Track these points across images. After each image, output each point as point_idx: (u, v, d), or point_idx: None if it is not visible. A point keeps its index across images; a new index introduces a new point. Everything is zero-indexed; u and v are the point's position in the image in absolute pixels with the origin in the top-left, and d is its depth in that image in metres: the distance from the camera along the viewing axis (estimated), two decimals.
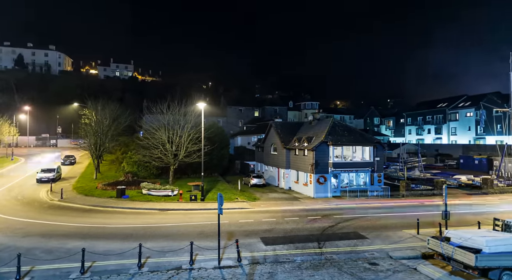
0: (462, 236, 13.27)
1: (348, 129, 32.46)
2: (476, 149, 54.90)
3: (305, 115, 78.62)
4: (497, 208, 24.15)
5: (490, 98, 62.04)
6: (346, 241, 16.48)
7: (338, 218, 21.27)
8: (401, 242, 16.41)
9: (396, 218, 21.45)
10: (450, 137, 69.79)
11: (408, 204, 25.99)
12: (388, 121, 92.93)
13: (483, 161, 44.64)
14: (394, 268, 13.42)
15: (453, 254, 12.58)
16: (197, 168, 34.41)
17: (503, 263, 11.85)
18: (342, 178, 30.02)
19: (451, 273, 13.00)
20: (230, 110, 73.23)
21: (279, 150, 36.07)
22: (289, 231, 18.34)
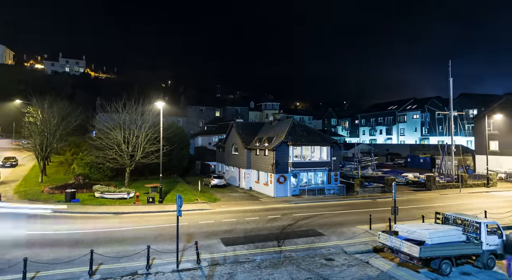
0: (408, 229, 14.31)
1: (307, 129, 33.46)
2: (421, 148, 59.59)
3: (266, 115, 79.65)
4: (439, 202, 26.40)
5: (433, 102, 67.69)
6: (304, 239, 16.96)
7: (297, 216, 21.83)
8: (355, 237, 17.28)
9: (351, 214, 22.54)
10: (399, 137, 75.01)
11: (362, 201, 27.43)
12: (344, 122, 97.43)
13: (427, 160, 48.55)
14: (348, 262, 14.08)
15: (401, 247, 13.52)
16: (156, 169, 33.29)
17: (443, 253, 12.98)
18: (301, 178, 30.86)
19: (398, 264, 13.96)
20: (190, 109, 71.85)
21: (240, 150, 36.14)
22: (250, 230, 18.45)
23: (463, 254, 13.57)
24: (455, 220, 15.20)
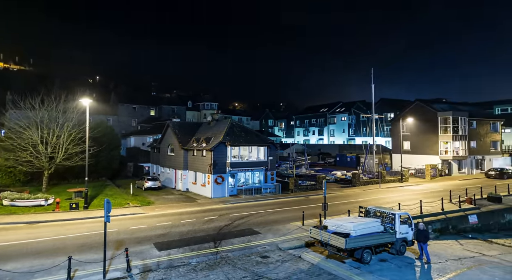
0: (336, 223, 15.42)
1: (245, 130, 33.88)
2: (348, 148, 64.91)
3: (204, 115, 78.52)
4: (362, 197, 29.03)
5: (359, 105, 74.32)
6: (241, 238, 17.12)
7: (234, 216, 21.94)
8: (289, 234, 18.03)
9: (286, 212, 23.45)
10: (330, 138, 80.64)
11: (296, 199, 28.76)
12: (281, 123, 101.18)
13: (353, 159, 53.10)
14: (282, 258, 14.62)
15: (329, 240, 14.50)
16: (81, 172, 30.32)
17: (364, 243, 14.30)
18: (239, 177, 31.11)
19: (327, 256, 14.96)
20: (122, 108, 67.12)
21: (177, 151, 34.99)
22: (185, 233, 17.96)
23: (381, 243, 15.12)
24: (375, 212, 16.85)
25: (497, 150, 48.02)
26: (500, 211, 24.26)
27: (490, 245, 18.61)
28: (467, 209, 23.16)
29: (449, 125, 42.35)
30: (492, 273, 13.75)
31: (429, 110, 44.75)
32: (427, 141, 44.55)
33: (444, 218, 21.48)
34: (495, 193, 26.82)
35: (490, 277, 13.27)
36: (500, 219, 23.99)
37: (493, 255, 16.57)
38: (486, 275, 13.48)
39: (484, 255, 16.46)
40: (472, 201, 24.34)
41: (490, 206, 24.61)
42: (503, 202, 25.51)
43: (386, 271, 13.50)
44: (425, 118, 44.84)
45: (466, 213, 22.52)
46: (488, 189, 29.06)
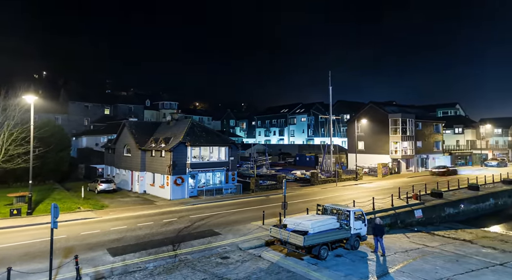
0: (295, 222, 15.81)
1: (206, 130, 33.45)
2: (308, 148, 66.90)
3: (164, 115, 76.22)
4: (320, 196, 30.09)
5: (317, 107, 76.99)
6: (201, 240, 16.85)
7: (195, 218, 21.56)
8: (250, 233, 18.11)
9: (246, 212, 23.54)
10: (290, 138, 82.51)
11: (257, 199, 28.99)
12: (242, 123, 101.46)
13: (312, 158, 54.83)
14: (242, 258, 14.65)
15: (288, 238, 14.82)
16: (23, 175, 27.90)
17: (321, 240, 14.82)
18: (199, 178, 30.62)
19: (286, 254, 15.27)
20: (73, 106, 62.88)
21: (134, 151, 33.54)
22: (142, 237, 17.26)
23: (337, 239, 15.78)
24: (332, 210, 17.53)
25: (439, 150, 52.52)
26: (441, 205, 26.54)
27: (433, 237, 20.28)
28: (413, 204, 25.01)
29: (399, 126, 45.45)
30: (434, 263, 14.99)
31: (381, 112, 47.65)
32: (379, 141, 47.38)
33: (393, 213, 22.99)
34: (437, 189, 29.26)
35: (432, 266, 14.45)
36: (441, 212, 26.24)
37: (435, 246, 18.07)
38: (429, 265, 14.67)
39: (427, 246, 17.89)
40: (417, 197, 26.33)
41: (433, 201, 26.82)
42: (444, 197, 27.93)
43: (341, 266, 14.11)
44: (378, 120, 47.66)
45: (413, 208, 24.31)
46: (432, 186, 31.63)
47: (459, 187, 32.55)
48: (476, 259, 15.82)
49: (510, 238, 21.45)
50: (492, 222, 27.34)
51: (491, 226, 26.24)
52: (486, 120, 73.54)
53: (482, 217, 28.51)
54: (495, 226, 26.33)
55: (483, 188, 32.35)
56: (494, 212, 30.64)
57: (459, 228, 23.43)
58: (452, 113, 78.48)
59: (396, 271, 13.77)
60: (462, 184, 33.68)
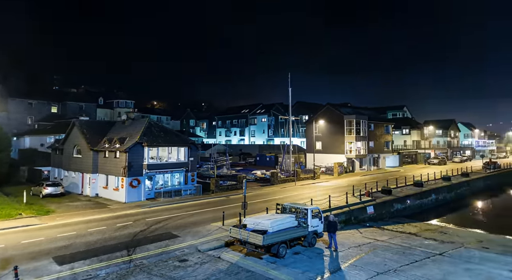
0: (255, 221, 15.94)
1: (165, 130, 32.46)
2: (268, 148, 67.83)
3: (119, 114, 72.58)
4: (280, 195, 30.65)
5: (277, 107, 78.35)
6: (158, 243, 16.31)
7: (151, 221, 20.80)
8: (209, 235, 17.91)
9: (206, 213, 23.24)
10: (251, 138, 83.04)
11: (217, 199, 28.75)
12: (202, 123, 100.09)
13: (272, 158, 55.69)
14: (201, 260, 14.44)
15: (248, 238, 14.90)
16: None
17: (280, 239, 15.11)
18: (157, 180, 29.62)
19: (246, 254, 15.34)
20: (13, 103, 57.43)
21: (85, 152, 31.50)
22: (93, 243, 16.27)
23: (295, 237, 16.20)
24: (291, 209, 17.96)
25: (389, 149, 56.21)
26: (390, 201, 28.43)
27: (382, 232, 21.65)
28: (366, 201, 26.48)
29: (353, 127, 47.84)
30: (383, 255, 16.01)
31: (337, 114, 49.80)
32: (335, 141, 49.48)
33: (348, 210, 24.14)
34: (387, 186, 31.29)
35: (381, 259, 15.43)
36: (390, 208, 28.11)
37: (384, 240, 19.31)
38: (379, 257, 15.64)
39: (378, 240, 19.05)
40: (370, 194, 27.92)
41: (383, 197, 28.62)
42: (393, 194, 29.94)
43: (299, 263, 14.50)
44: (334, 121, 49.75)
45: (365, 205, 25.74)
46: (382, 183, 33.74)
47: (405, 184, 35.10)
48: (420, 250, 17.18)
49: (448, 230, 23.62)
50: (434, 216, 29.93)
51: (433, 219, 28.70)
52: (429, 122, 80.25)
53: (425, 212, 31.04)
54: (436, 219, 28.83)
55: (426, 185, 35.21)
56: (435, 206, 33.54)
57: (406, 222, 25.27)
58: (401, 115, 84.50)
59: (349, 265, 14.47)
60: (408, 181, 36.37)
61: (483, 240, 20.44)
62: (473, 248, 18.16)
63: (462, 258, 16.14)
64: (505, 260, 15.90)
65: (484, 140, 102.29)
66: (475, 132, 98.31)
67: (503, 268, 14.76)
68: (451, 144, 79.49)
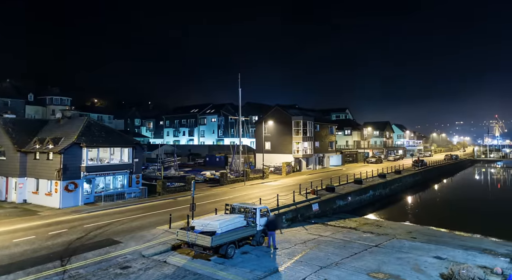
0: (203, 223, 15.69)
1: (106, 129, 30.38)
2: (217, 148, 67.35)
3: (52, 112, 66.23)
4: (229, 195, 30.60)
5: (227, 108, 78.26)
6: (97, 251, 15.17)
7: (90, 227, 19.30)
8: (155, 239, 17.17)
9: (152, 216, 22.25)
10: (200, 138, 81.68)
11: (164, 202, 27.71)
12: (149, 123, 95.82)
13: (222, 159, 55.40)
14: (146, 266, 13.77)
15: (196, 240, 14.61)
16: None
17: (229, 239, 15.08)
18: (97, 183, 27.59)
19: (193, 257, 15.01)
20: None
21: (10, 154, 28.11)
22: (19, 255, 14.56)
23: (244, 237, 16.29)
24: (240, 209, 18.03)
25: (333, 149, 59.53)
26: (333, 198, 30.10)
27: (326, 227, 22.82)
28: (311, 199, 27.65)
29: (300, 128, 49.71)
30: (327, 250, 16.88)
31: (285, 115, 51.31)
32: (284, 141, 50.93)
33: (295, 208, 24.97)
34: (330, 184, 33.06)
35: (325, 253, 16.25)
36: (333, 205, 29.76)
37: (328, 235, 20.37)
38: (322, 252, 16.44)
39: (322, 236, 20.02)
40: (315, 192, 29.24)
41: (327, 195, 30.19)
42: (336, 191, 31.74)
43: (247, 262, 14.61)
44: (283, 122, 51.19)
45: (311, 203, 26.88)
46: (327, 181, 35.57)
47: (347, 182, 37.47)
48: (359, 243, 18.44)
49: (383, 223, 25.75)
50: (371, 210, 32.43)
51: (370, 214, 31.07)
52: (368, 123, 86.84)
53: (364, 207, 33.46)
54: (373, 214, 31.25)
55: (365, 182, 37.97)
56: (373, 201, 36.36)
57: (347, 218, 26.96)
58: (343, 117, 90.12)
59: (295, 261, 14.98)
60: (349, 179, 38.86)
61: (411, 231, 22.66)
62: (403, 239, 20.02)
63: (394, 248, 17.70)
64: (429, 248, 17.81)
65: (414, 140, 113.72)
66: (406, 133, 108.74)
67: (427, 255, 16.51)
68: (387, 144, 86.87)
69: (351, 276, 13.34)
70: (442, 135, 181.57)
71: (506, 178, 67.98)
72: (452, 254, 16.70)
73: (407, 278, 13.35)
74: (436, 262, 15.37)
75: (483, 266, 14.61)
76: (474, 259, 15.86)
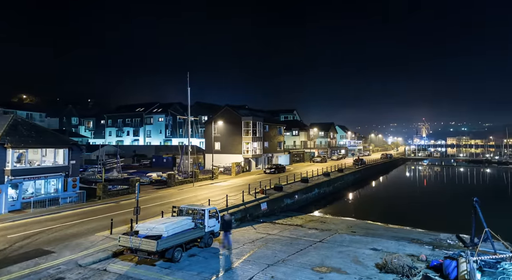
0: (148, 227, 15.01)
1: (37, 128, 27.46)
2: (165, 149, 64.97)
3: None
4: (177, 197, 29.69)
5: (176, 107, 75.95)
6: (24, 263, 13.60)
7: (16, 237, 17.26)
8: (93, 246, 15.95)
9: (90, 222, 20.65)
10: (146, 139, 78.06)
11: (104, 206, 25.91)
12: (88, 122, 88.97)
13: (169, 159, 53.59)
14: (82, 276, 12.73)
15: (140, 245, 13.90)
16: None
17: (176, 242, 14.63)
18: (25, 188, 24.80)
19: (137, 263, 14.28)
20: None
21: None
22: None
23: (192, 239, 15.94)
24: (188, 211, 17.60)
25: (281, 149, 61.19)
26: (281, 197, 30.95)
27: (274, 226, 23.37)
28: (260, 198, 28.10)
29: (250, 128, 50.20)
30: (274, 248, 17.28)
31: (235, 115, 51.40)
32: (233, 141, 50.97)
33: (244, 208, 25.15)
34: (279, 184, 33.94)
35: (272, 251, 16.62)
36: (281, 203, 30.60)
37: (275, 233, 20.88)
38: (270, 250, 16.80)
39: (270, 234, 20.46)
40: (264, 191, 29.76)
41: (275, 194, 30.94)
42: (284, 190, 32.68)
43: (194, 265, 14.31)
44: (232, 122, 51.20)
45: (259, 202, 27.30)
46: (275, 180, 36.44)
47: (294, 180, 38.80)
48: (304, 240, 19.21)
49: (327, 219, 27.17)
50: (316, 208, 34.03)
51: (315, 211, 32.58)
52: (314, 124, 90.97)
53: (310, 204, 34.98)
54: (318, 211, 32.81)
55: (311, 181, 39.70)
56: (318, 199, 38.18)
57: (294, 215, 27.92)
58: (291, 118, 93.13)
59: (243, 261, 15.07)
60: (297, 178, 40.30)
61: (352, 226, 24.27)
62: (344, 233, 21.35)
63: (336, 242, 18.78)
64: (367, 241, 19.25)
65: (355, 140, 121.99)
66: (348, 134, 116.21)
67: (365, 247, 17.81)
68: (331, 144, 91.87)
69: (296, 272, 13.82)
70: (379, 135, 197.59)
71: (431, 175, 76.31)
72: (386, 245, 18.24)
73: (347, 270, 14.24)
74: (373, 253, 16.66)
75: (411, 255, 16.21)
76: (404, 249, 17.52)
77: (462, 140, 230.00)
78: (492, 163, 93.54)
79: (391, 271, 13.68)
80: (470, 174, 72.17)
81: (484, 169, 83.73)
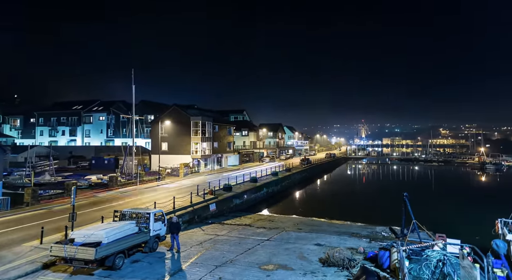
0: (86, 233, 13.89)
1: None
2: (106, 150, 60.77)
3: None
4: (119, 201, 27.93)
5: (119, 105, 71.49)
6: None
7: None
8: (19, 258, 14.26)
9: (16, 232, 18.44)
10: (85, 139, 72.27)
11: (34, 213, 23.35)
12: (15, 120, 79.59)
13: (111, 161, 50.24)
14: None
15: (76, 254, 12.79)
16: None
17: (117, 248, 13.75)
18: None
19: (72, 273, 13.13)
20: None
21: None
22: None
23: (135, 245, 15.13)
24: (131, 215, 16.66)
25: (231, 150, 61.18)
26: (230, 197, 30.90)
27: (223, 226, 23.25)
28: (209, 199, 27.73)
29: (199, 128, 49.31)
30: (222, 249, 17.18)
31: (184, 115, 50.08)
32: (182, 142, 49.60)
33: (192, 210, 24.58)
34: (228, 184, 33.84)
35: (220, 252, 16.50)
36: (230, 204, 30.55)
37: (224, 234, 20.79)
38: (218, 251, 16.66)
39: (218, 235, 20.29)
40: (213, 192, 29.43)
41: (224, 194, 30.80)
42: (233, 190, 32.67)
43: (138, 271, 13.60)
44: (181, 122, 49.80)
45: (208, 203, 26.93)
46: (225, 181, 36.26)
47: (244, 180, 39.04)
48: (252, 239, 19.42)
49: (274, 218, 27.82)
50: (265, 207, 34.66)
51: (264, 210, 33.17)
52: (263, 125, 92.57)
53: (259, 204, 35.50)
54: (266, 210, 33.45)
55: (260, 180, 40.30)
56: (267, 198, 38.93)
57: (243, 215, 28.08)
58: (241, 118, 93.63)
59: (191, 264, 14.72)
60: (246, 178, 40.59)
61: (298, 223, 25.18)
62: (291, 230, 22.06)
63: (283, 240, 19.32)
64: (311, 237, 20.12)
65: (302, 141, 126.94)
66: (296, 134, 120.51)
67: (310, 243, 18.61)
68: (279, 144, 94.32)
69: (244, 271, 13.90)
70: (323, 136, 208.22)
71: (369, 173, 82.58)
72: (329, 240, 19.27)
73: (293, 266, 14.72)
74: (317, 248, 17.46)
75: (351, 248, 17.35)
76: (345, 243, 18.67)
77: (395, 140, 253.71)
78: (420, 161, 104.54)
79: (333, 265, 14.47)
80: (401, 171, 79.70)
81: (413, 166, 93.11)
